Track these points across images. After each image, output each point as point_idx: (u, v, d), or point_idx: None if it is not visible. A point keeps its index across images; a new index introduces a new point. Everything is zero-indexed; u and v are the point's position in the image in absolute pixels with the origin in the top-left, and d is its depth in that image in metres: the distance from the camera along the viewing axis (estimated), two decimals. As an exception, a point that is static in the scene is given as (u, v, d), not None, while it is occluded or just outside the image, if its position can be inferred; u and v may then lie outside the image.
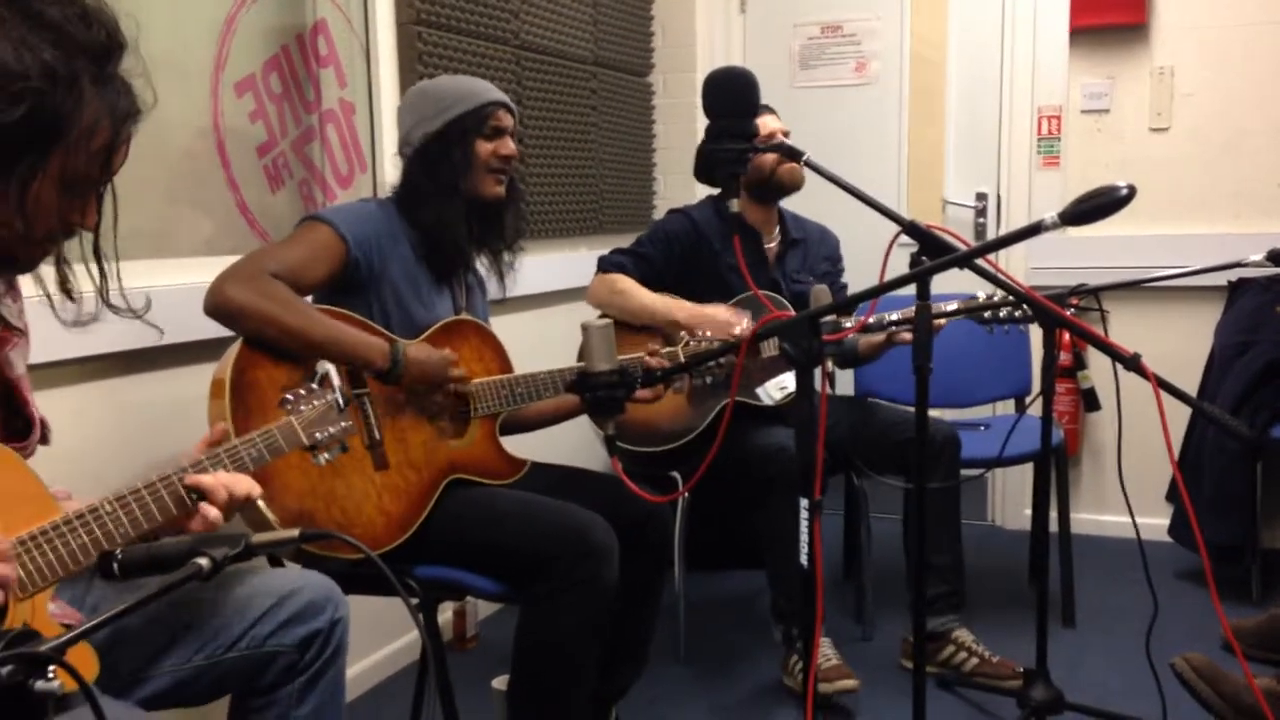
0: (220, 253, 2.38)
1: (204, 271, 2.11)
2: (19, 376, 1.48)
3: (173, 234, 2.38)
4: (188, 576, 1.07)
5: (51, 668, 0.89)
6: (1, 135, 1.25)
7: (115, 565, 1.20)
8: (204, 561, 1.09)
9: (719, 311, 2.81)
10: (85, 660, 1.37)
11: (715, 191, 3.15)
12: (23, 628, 0.90)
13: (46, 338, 1.61)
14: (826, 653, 2.78)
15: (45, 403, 1.56)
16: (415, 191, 2.28)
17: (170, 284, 2.26)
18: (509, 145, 2.32)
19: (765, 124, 2.92)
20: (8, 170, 1.28)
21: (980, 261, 1.64)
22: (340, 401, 1.69)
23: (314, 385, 1.69)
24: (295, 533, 1.22)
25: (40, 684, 0.88)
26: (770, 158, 2.95)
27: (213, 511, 1.45)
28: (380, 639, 3.02)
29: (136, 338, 2.19)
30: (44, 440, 1.52)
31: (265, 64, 2.59)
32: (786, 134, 3.03)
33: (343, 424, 1.70)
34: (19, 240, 1.33)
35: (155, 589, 1.05)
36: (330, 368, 1.72)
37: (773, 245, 3.11)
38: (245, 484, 1.50)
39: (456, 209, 2.28)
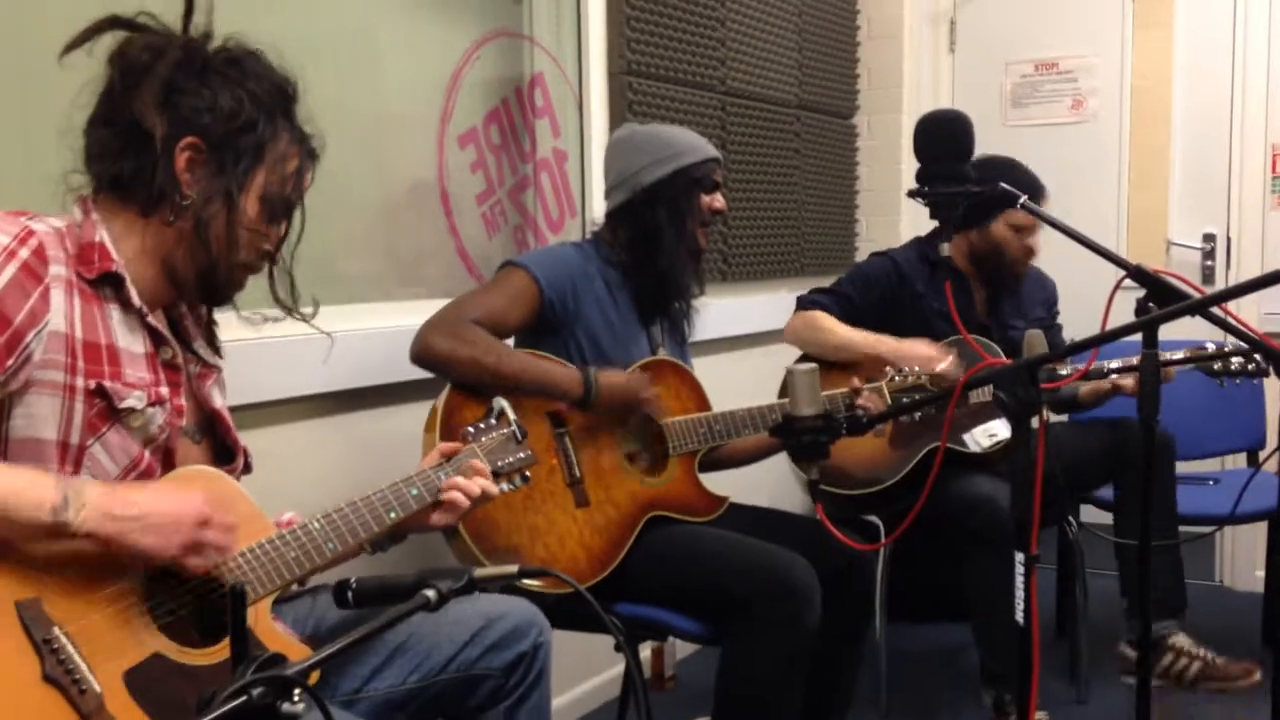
0: (441, 296, 2.49)
1: (427, 314, 2.22)
2: (220, 408, 1.59)
3: (399, 278, 2.52)
4: (416, 607, 1.13)
5: (296, 691, 0.95)
6: (223, 153, 1.43)
7: (350, 594, 1.28)
8: (431, 593, 1.15)
9: (921, 347, 2.75)
10: (311, 679, 1.45)
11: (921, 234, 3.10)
12: (272, 653, 0.96)
13: (276, 375, 1.73)
14: None
15: (277, 437, 1.68)
16: (648, 233, 2.32)
17: (396, 325, 2.38)
18: (720, 200, 2.38)
19: None
20: (226, 186, 1.43)
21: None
22: (518, 434, 1.79)
23: (492, 420, 1.80)
24: (514, 569, 1.27)
25: (287, 706, 0.94)
26: (1016, 244, 2.89)
27: (472, 490, 1.68)
28: (575, 677, 3.06)
29: (363, 376, 2.32)
30: (246, 469, 1.63)
31: (486, 116, 2.72)
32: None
33: (521, 454, 1.80)
34: (220, 264, 1.46)
35: (386, 619, 1.10)
36: (505, 404, 1.83)
37: (981, 291, 3.02)
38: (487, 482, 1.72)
39: (684, 254, 2.35)
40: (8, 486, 1.22)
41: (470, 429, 1.79)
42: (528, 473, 1.82)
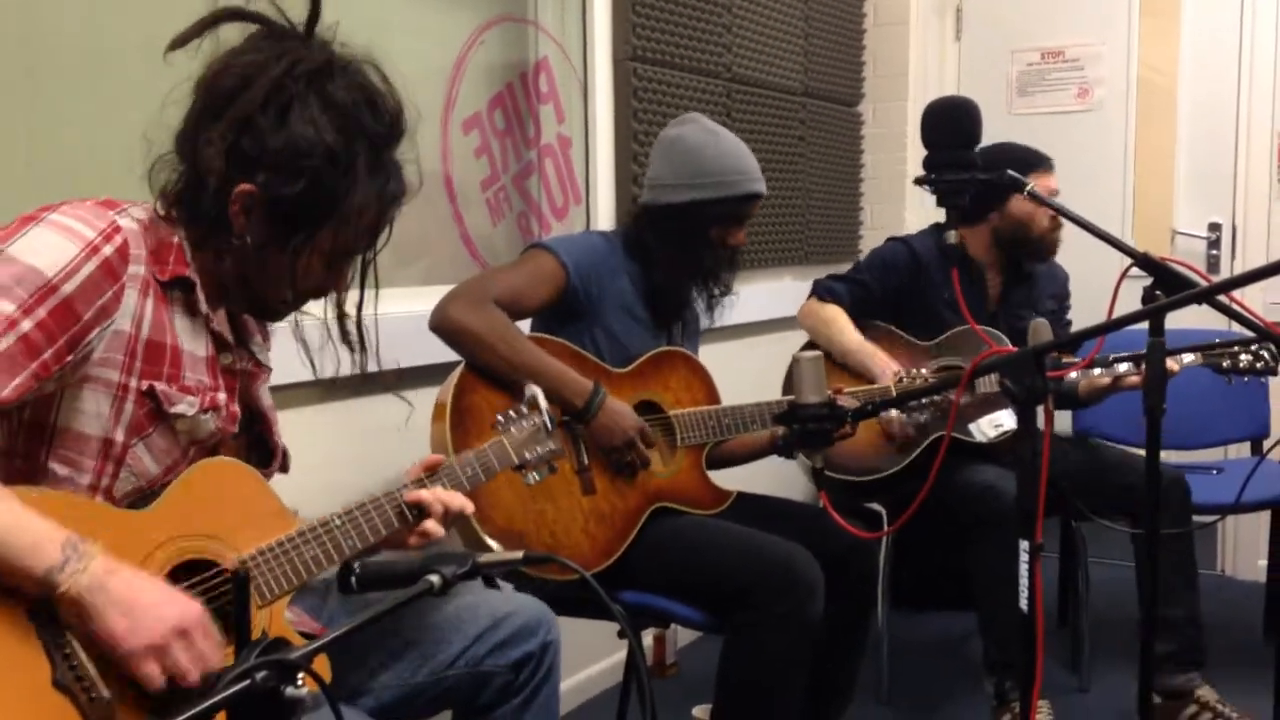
0: (444, 282, 2.49)
1: (430, 300, 2.22)
2: (268, 408, 1.58)
3: (402, 265, 2.51)
4: (420, 592, 1.13)
5: (300, 675, 0.95)
6: (281, 206, 1.35)
7: (353, 579, 1.27)
8: (435, 579, 1.14)
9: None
10: (321, 668, 1.45)
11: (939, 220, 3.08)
12: (275, 638, 0.96)
13: (287, 360, 1.72)
14: None
15: (285, 421, 1.67)
16: (647, 248, 2.33)
17: (398, 311, 2.37)
18: (740, 237, 2.34)
19: (1045, 182, 2.83)
20: (284, 240, 1.38)
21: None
22: (548, 424, 1.77)
23: (524, 409, 1.77)
24: (519, 555, 1.27)
25: (290, 690, 0.94)
26: (1046, 221, 2.86)
27: (430, 524, 1.55)
28: (577, 664, 3.05)
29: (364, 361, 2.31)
30: (283, 469, 1.61)
31: (490, 101, 2.71)
32: (1056, 193, 2.89)
33: (550, 445, 1.77)
34: (269, 300, 1.45)
35: (389, 603, 1.10)
36: (538, 391, 1.80)
37: (997, 281, 3.01)
38: (459, 500, 1.59)
39: (683, 275, 2.34)
40: (16, 537, 1.17)
41: (500, 417, 1.75)
42: (555, 464, 1.79)
